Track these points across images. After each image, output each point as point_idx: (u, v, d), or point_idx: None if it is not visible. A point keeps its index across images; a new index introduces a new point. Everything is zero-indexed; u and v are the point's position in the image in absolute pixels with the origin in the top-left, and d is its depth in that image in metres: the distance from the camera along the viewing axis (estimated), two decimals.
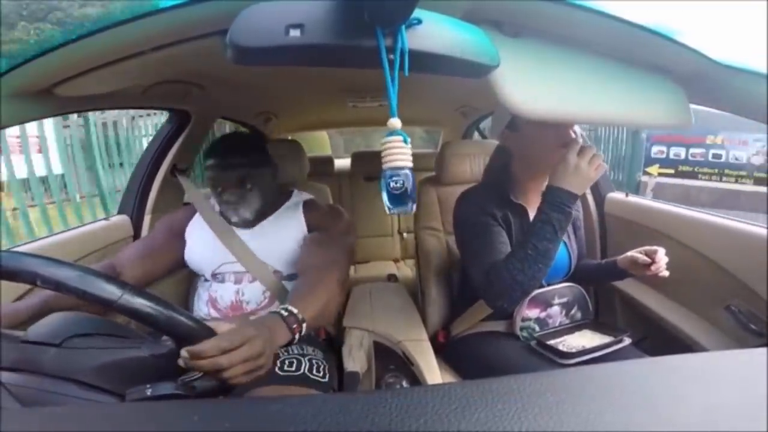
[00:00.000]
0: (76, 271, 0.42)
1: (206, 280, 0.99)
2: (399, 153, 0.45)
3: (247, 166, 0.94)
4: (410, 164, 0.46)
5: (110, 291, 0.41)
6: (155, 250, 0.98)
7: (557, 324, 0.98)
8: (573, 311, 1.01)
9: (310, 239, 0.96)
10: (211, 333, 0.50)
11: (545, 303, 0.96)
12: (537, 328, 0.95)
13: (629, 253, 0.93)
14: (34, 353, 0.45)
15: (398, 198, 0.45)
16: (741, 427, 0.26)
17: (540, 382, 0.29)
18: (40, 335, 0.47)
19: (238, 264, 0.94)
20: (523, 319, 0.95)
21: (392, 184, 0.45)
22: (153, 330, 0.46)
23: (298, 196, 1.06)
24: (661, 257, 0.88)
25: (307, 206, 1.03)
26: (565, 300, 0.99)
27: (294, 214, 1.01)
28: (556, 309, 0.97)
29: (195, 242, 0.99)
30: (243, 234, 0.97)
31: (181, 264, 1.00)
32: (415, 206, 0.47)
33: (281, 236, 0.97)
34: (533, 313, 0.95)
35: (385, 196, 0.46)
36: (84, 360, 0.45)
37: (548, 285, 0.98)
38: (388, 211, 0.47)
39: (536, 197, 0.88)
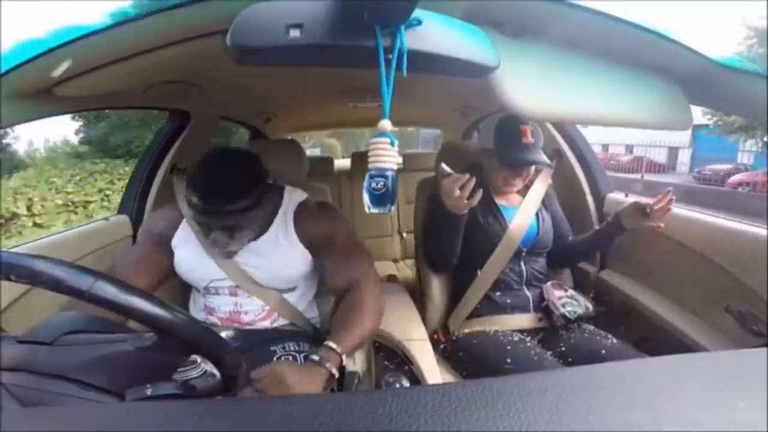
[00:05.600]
0: (46, 263, 0.41)
1: (198, 290, 0.96)
2: (385, 155, 0.46)
3: (242, 210, 0.81)
4: (395, 166, 0.47)
5: (81, 281, 0.40)
6: (145, 263, 0.92)
7: (583, 301, 1.09)
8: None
9: (331, 258, 0.92)
10: (192, 323, 0.48)
11: (563, 288, 1.11)
12: (575, 302, 1.06)
13: (631, 202, 1.05)
14: (28, 352, 0.45)
15: (379, 198, 0.47)
16: (741, 427, 0.26)
17: (540, 381, 0.29)
18: (34, 334, 0.47)
19: (230, 279, 0.91)
20: (560, 298, 1.06)
21: (374, 185, 0.46)
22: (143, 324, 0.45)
23: (289, 200, 0.97)
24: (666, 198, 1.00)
25: (298, 215, 0.95)
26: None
27: (285, 230, 0.93)
28: (572, 292, 1.10)
29: (183, 254, 0.92)
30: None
31: (173, 274, 0.95)
32: (393, 207, 0.48)
33: (276, 255, 0.91)
34: (561, 293, 1.08)
35: (366, 196, 0.48)
36: (73, 357, 0.45)
37: (535, 258, 1.15)
38: (367, 210, 0.49)
39: (503, 190, 1.14)
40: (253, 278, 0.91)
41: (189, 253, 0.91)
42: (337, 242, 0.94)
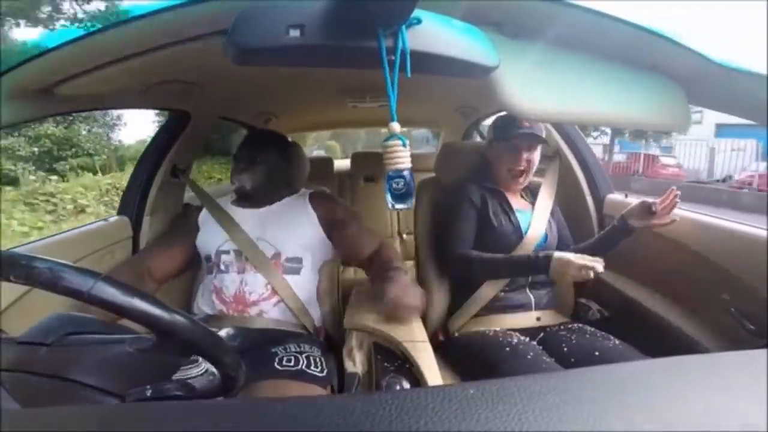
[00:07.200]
0: (46, 264, 0.41)
1: (210, 270, 1.04)
2: (400, 156, 0.50)
3: (278, 150, 1.14)
4: (410, 165, 0.50)
5: (81, 282, 0.40)
6: (177, 241, 1.11)
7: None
8: None
9: (351, 233, 1.09)
10: (192, 323, 0.47)
11: None
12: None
13: (638, 201, 1.05)
14: (28, 353, 0.45)
15: (400, 196, 0.52)
16: (741, 428, 0.26)
17: (541, 383, 0.29)
18: (35, 335, 0.47)
19: (232, 242, 1.03)
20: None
21: (394, 185, 0.50)
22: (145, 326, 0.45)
23: (304, 191, 1.17)
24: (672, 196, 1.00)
25: (314, 197, 1.13)
26: None
27: (300, 203, 1.12)
28: None
29: (204, 227, 1.11)
30: (251, 215, 1.08)
31: (193, 258, 1.12)
32: (414, 201, 0.53)
33: (287, 217, 1.07)
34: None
35: (388, 196, 0.52)
36: (73, 357, 0.45)
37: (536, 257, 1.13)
38: (391, 208, 0.53)
39: (510, 185, 1.16)
40: (261, 238, 1.03)
41: (208, 224, 1.10)
42: (353, 220, 1.12)
